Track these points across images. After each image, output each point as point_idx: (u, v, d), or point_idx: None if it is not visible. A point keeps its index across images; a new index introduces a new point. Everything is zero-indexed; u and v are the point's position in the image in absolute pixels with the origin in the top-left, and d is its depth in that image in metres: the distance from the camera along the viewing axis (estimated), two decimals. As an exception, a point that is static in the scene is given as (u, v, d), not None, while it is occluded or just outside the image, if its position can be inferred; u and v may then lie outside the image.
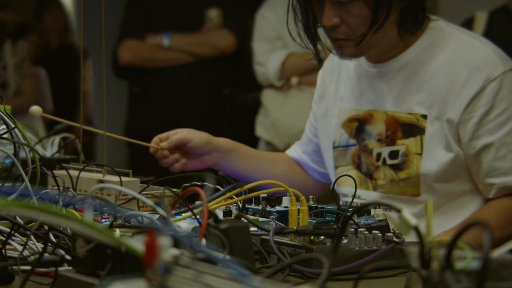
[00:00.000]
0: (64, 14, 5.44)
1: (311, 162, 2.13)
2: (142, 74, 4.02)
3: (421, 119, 1.87)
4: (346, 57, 1.86)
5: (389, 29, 1.82)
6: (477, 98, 1.82)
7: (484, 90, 1.81)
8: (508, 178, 1.82)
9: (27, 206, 0.87)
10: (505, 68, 1.83)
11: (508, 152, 1.82)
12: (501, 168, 1.82)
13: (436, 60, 1.88)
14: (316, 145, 2.12)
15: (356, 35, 1.80)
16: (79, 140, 1.91)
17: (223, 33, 3.96)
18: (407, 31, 1.86)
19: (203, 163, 1.98)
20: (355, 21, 1.79)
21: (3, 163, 1.55)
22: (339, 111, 2.02)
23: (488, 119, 1.82)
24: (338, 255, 1.22)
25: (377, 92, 1.95)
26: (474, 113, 1.82)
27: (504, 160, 1.82)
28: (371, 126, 1.95)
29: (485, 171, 1.84)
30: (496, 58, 1.84)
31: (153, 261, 0.86)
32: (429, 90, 1.87)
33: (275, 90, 3.77)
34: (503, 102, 1.82)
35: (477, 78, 1.82)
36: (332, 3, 1.79)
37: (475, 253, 0.84)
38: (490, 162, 1.83)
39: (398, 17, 1.82)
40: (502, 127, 1.82)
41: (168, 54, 3.94)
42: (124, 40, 4.03)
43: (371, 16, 1.77)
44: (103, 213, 1.49)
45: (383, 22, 1.78)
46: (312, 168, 2.13)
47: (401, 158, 1.89)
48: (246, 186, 1.42)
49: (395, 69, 1.92)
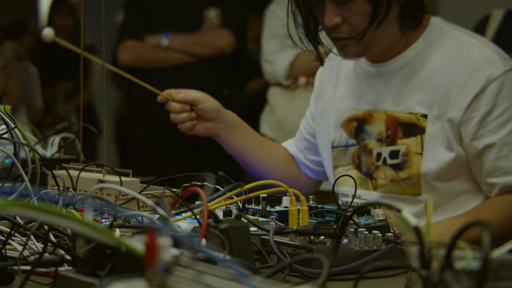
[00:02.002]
0: (74, 17, 5.46)
1: (304, 159, 2.13)
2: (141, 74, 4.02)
3: (421, 119, 1.87)
4: (349, 57, 1.86)
5: (391, 24, 1.82)
6: (478, 98, 1.82)
7: (485, 90, 1.81)
8: (510, 177, 1.82)
9: (27, 206, 0.87)
10: (505, 67, 1.83)
11: (510, 152, 1.82)
12: (504, 167, 1.82)
13: (436, 59, 1.88)
14: (309, 143, 2.12)
15: (358, 33, 1.80)
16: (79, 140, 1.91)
17: (222, 33, 3.96)
18: (408, 27, 1.86)
19: (207, 129, 1.97)
20: (356, 19, 1.79)
21: (3, 163, 1.55)
22: (338, 111, 2.02)
23: (490, 118, 1.82)
24: (338, 255, 1.22)
25: (377, 92, 1.95)
26: (475, 113, 1.82)
27: (506, 160, 1.82)
28: (371, 126, 1.95)
29: (487, 171, 1.84)
30: (496, 57, 1.84)
31: (153, 261, 0.86)
32: (429, 89, 1.87)
33: (282, 89, 3.78)
34: (505, 101, 1.82)
35: (478, 77, 1.82)
36: (333, 2, 1.79)
37: (475, 253, 0.84)
38: (493, 161, 1.83)
39: (399, 12, 1.82)
40: (503, 127, 1.82)
41: (167, 54, 3.94)
42: (123, 41, 4.04)
43: (371, 11, 1.77)
44: (103, 213, 1.49)
45: (384, 17, 1.78)
46: (305, 165, 2.13)
47: (402, 157, 1.89)
48: (246, 186, 1.42)
49: (394, 69, 1.92)
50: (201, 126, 1.96)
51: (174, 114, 1.93)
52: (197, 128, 1.95)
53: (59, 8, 5.55)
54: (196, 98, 1.93)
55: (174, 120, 1.94)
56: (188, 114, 1.93)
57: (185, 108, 1.93)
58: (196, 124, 1.95)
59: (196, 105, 1.93)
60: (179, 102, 1.92)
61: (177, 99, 1.92)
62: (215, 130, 1.97)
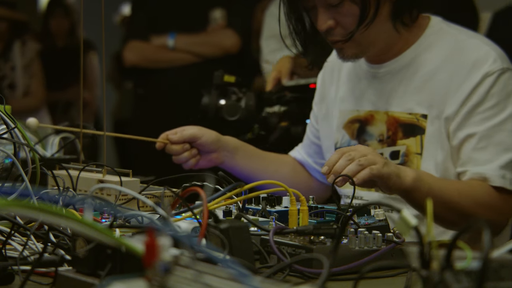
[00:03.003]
0: (70, 18, 5.48)
1: (314, 164, 2.13)
2: (147, 75, 4.03)
3: (421, 119, 1.87)
4: (347, 58, 1.87)
5: (383, 23, 1.83)
6: (472, 92, 1.82)
7: (479, 85, 1.81)
8: (481, 168, 1.79)
9: (27, 206, 0.87)
10: (503, 65, 1.83)
11: (488, 145, 1.80)
12: (478, 159, 1.80)
13: (436, 60, 1.88)
14: (317, 146, 2.12)
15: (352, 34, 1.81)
16: (79, 140, 1.91)
17: (227, 33, 3.96)
18: (403, 24, 1.86)
19: (210, 161, 1.98)
20: (348, 20, 1.80)
21: (3, 163, 1.55)
22: (339, 113, 2.02)
23: (477, 111, 1.81)
24: (338, 255, 1.22)
25: (378, 93, 1.95)
26: (465, 105, 1.82)
27: (482, 152, 1.80)
28: (372, 127, 1.95)
29: (462, 161, 1.82)
30: (496, 56, 1.84)
31: (153, 261, 0.86)
32: (429, 90, 1.87)
33: None
34: (495, 97, 1.81)
35: (476, 74, 1.82)
36: (324, 7, 1.81)
37: (475, 253, 0.84)
38: (469, 152, 1.81)
39: (391, 10, 1.82)
40: (488, 121, 1.81)
41: (173, 54, 3.95)
42: (129, 41, 4.04)
43: (359, 12, 1.78)
44: (103, 213, 1.49)
45: (374, 17, 1.79)
46: (315, 170, 2.13)
47: (402, 158, 1.89)
48: (246, 186, 1.42)
49: (395, 70, 1.92)
50: (204, 160, 1.97)
51: (175, 156, 1.94)
52: (201, 163, 1.97)
53: (55, 10, 5.57)
54: (193, 134, 1.94)
55: (177, 161, 1.95)
56: (189, 152, 1.94)
57: (185, 147, 1.94)
58: (200, 159, 1.96)
59: (195, 141, 1.94)
60: (177, 143, 1.92)
61: (174, 141, 1.93)
62: (218, 159, 1.99)
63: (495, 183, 1.78)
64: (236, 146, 2.02)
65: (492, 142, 1.80)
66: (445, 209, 1.71)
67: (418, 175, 1.68)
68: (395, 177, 1.63)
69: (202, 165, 1.97)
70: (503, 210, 1.80)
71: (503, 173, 1.78)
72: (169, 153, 1.95)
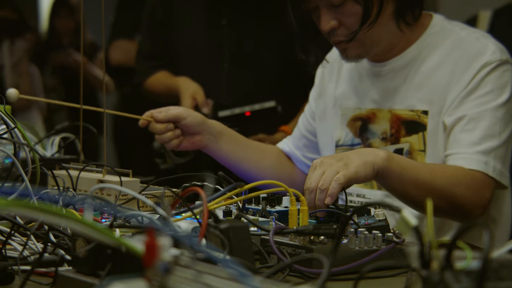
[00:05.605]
0: (75, 18, 5.48)
1: (302, 157, 2.13)
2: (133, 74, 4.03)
3: (422, 116, 1.87)
4: (351, 59, 1.87)
5: (387, 22, 1.83)
6: (470, 82, 1.82)
7: (477, 74, 1.82)
8: (462, 149, 1.78)
9: (27, 206, 0.87)
10: (502, 57, 1.84)
11: (475, 128, 1.79)
12: (462, 140, 1.79)
13: (438, 57, 1.89)
14: (308, 140, 2.12)
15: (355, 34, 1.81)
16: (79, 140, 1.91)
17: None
18: (406, 24, 1.86)
19: (193, 143, 1.95)
20: (351, 20, 1.80)
21: (3, 163, 1.55)
22: (342, 110, 2.02)
23: (471, 97, 1.81)
24: (338, 255, 1.22)
25: (380, 91, 1.95)
26: (461, 93, 1.82)
27: (468, 134, 1.79)
28: (375, 125, 1.95)
29: (449, 143, 1.81)
30: (495, 48, 1.85)
31: (153, 261, 0.86)
32: (430, 86, 1.87)
33: None
34: (489, 85, 1.81)
35: (475, 65, 1.83)
36: (327, 7, 1.80)
37: (475, 253, 0.84)
38: (457, 134, 1.80)
39: (395, 9, 1.83)
40: (479, 106, 1.80)
41: None
42: (114, 41, 4.05)
43: (362, 12, 1.78)
44: (103, 213, 1.49)
45: (377, 16, 1.79)
46: (303, 163, 2.13)
47: (406, 156, 1.89)
48: (246, 186, 1.42)
49: (397, 68, 1.92)
50: (187, 141, 1.95)
51: (159, 135, 1.93)
52: (183, 144, 1.94)
53: (60, 10, 5.56)
54: (178, 114, 1.92)
55: (160, 140, 1.93)
56: (173, 132, 1.92)
57: (169, 127, 1.92)
58: (182, 140, 1.95)
59: (179, 122, 1.92)
60: (162, 122, 1.92)
61: (159, 119, 1.91)
62: (202, 142, 1.96)
63: (471, 166, 1.75)
64: (220, 130, 2.00)
65: (479, 126, 1.79)
66: (418, 189, 1.67)
67: (389, 155, 1.63)
68: (362, 168, 1.57)
69: (185, 147, 1.95)
70: (482, 192, 1.74)
71: (485, 159, 1.76)
72: (152, 131, 1.92)
